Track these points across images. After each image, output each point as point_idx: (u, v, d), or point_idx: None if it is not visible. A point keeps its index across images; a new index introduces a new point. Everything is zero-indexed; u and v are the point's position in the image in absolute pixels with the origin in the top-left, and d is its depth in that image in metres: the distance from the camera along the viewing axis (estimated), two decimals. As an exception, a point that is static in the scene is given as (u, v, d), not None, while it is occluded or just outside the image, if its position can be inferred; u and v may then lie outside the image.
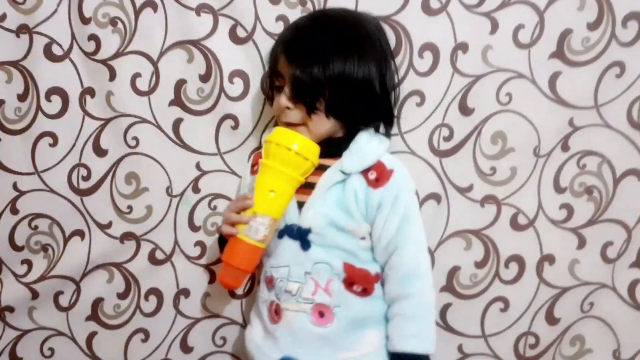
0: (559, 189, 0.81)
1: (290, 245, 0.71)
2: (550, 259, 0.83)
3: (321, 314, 0.69)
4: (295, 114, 0.70)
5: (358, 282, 0.71)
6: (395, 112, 0.77)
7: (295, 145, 0.66)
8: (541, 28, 0.77)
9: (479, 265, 0.83)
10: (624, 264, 0.83)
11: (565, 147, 0.80)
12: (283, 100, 0.69)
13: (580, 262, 0.82)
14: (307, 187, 0.70)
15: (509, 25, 0.78)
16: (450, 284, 0.83)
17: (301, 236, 0.70)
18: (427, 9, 0.78)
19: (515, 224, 0.82)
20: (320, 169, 0.70)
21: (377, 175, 0.70)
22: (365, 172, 0.70)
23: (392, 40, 0.79)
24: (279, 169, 0.67)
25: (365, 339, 0.71)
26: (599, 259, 0.82)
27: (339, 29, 0.70)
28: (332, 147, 0.71)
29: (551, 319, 0.84)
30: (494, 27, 0.78)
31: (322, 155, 0.70)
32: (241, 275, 0.69)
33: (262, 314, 0.74)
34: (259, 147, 0.81)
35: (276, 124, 0.77)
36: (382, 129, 0.76)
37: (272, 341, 0.72)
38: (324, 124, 0.70)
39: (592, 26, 0.77)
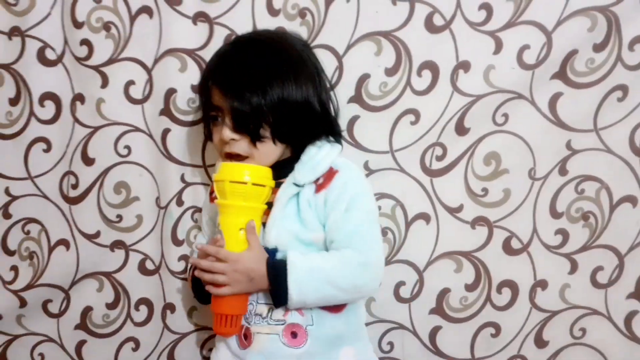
0: (555, 214, 0.80)
1: None
2: (543, 284, 0.82)
3: (294, 335, 0.67)
4: (241, 144, 0.67)
5: None
6: (341, 124, 0.75)
7: (248, 176, 0.64)
8: (548, 49, 0.75)
9: (470, 288, 0.82)
10: (619, 292, 0.82)
11: (563, 171, 0.79)
12: (227, 132, 0.67)
13: (571, 286, 0.82)
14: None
15: (514, 46, 0.76)
16: (440, 306, 0.83)
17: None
18: (430, 25, 0.76)
19: (508, 248, 0.81)
20: (278, 187, 0.69)
21: (324, 179, 0.68)
22: (316, 181, 0.68)
23: (391, 57, 0.77)
24: (242, 206, 0.65)
25: (340, 356, 0.69)
26: (589, 283, 0.81)
27: (270, 52, 0.68)
28: (284, 169, 0.69)
29: (540, 342, 0.83)
30: (498, 46, 0.76)
31: (276, 177, 0.68)
32: (237, 320, 0.67)
33: (228, 339, 0.71)
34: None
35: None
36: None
37: None
38: (272, 150, 0.68)
39: (599, 47, 0.75)
